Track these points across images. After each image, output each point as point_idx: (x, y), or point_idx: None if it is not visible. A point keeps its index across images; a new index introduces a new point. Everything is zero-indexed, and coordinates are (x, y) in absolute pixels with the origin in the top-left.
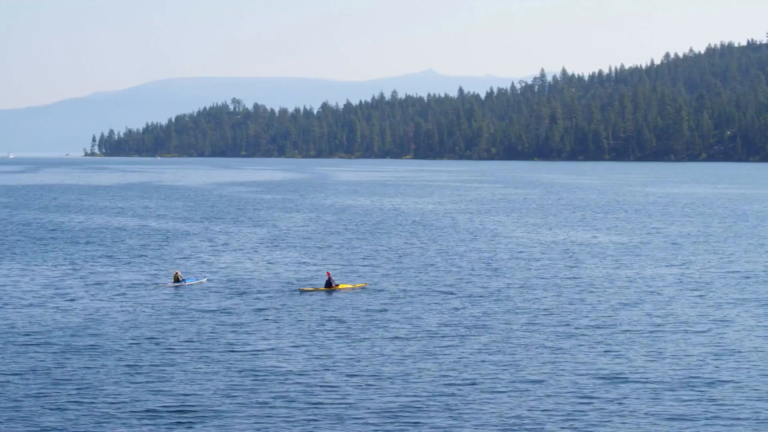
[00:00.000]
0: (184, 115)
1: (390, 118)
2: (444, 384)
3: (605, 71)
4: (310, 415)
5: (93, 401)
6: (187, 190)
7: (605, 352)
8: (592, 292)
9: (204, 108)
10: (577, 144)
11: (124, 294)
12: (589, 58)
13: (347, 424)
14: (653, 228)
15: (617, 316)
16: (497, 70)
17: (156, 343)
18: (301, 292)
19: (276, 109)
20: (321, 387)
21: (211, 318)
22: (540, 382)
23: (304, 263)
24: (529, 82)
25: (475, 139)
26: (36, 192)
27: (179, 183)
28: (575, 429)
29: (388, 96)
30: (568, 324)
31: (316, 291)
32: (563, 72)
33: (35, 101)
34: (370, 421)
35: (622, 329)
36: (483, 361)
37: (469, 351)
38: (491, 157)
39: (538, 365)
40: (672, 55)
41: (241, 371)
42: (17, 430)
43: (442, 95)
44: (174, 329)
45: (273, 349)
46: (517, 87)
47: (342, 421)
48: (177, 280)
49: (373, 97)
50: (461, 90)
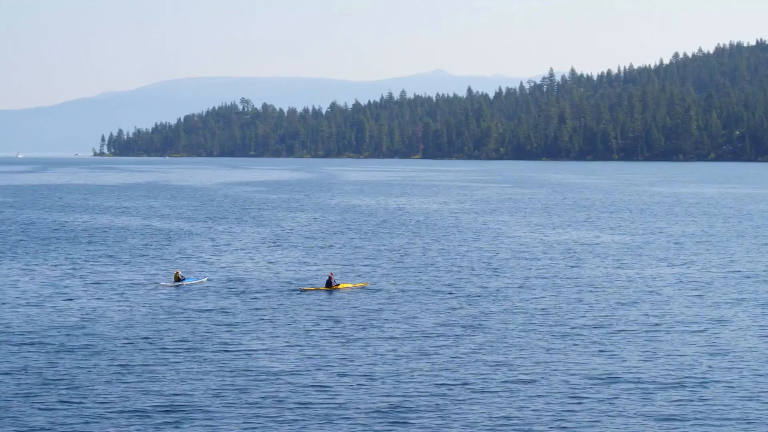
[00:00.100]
0: (193, 115)
1: (399, 118)
2: (435, 384)
3: (614, 71)
4: (297, 415)
5: (82, 401)
6: (193, 189)
7: (599, 351)
8: (590, 292)
9: (213, 108)
10: (586, 144)
11: (122, 293)
12: (598, 57)
13: (335, 423)
14: (656, 228)
15: (614, 316)
16: (507, 69)
17: (150, 343)
18: (302, 291)
19: (285, 109)
20: (311, 387)
21: (207, 317)
22: (531, 382)
23: (305, 263)
24: (538, 81)
25: (484, 139)
26: (42, 192)
27: (186, 183)
28: (563, 429)
29: (396, 96)
30: (563, 324)
31: (316, 291)
32: (572, 72)
33: (44, 101)
34: (358, 421)
35: (617, 329)
36: (476, 361)
37: (463, 351)
38: (500, 157)
39: (530, 365)
40: (681, 55)
41: (233, 371)
42: (3, 429)
43: (451, 95)
44: (169, 329)
45: (266, 349)
46: (526, 87)
47: (329, 421)
48: (177, 279)
49: (382, 97)
50: (470, 90)
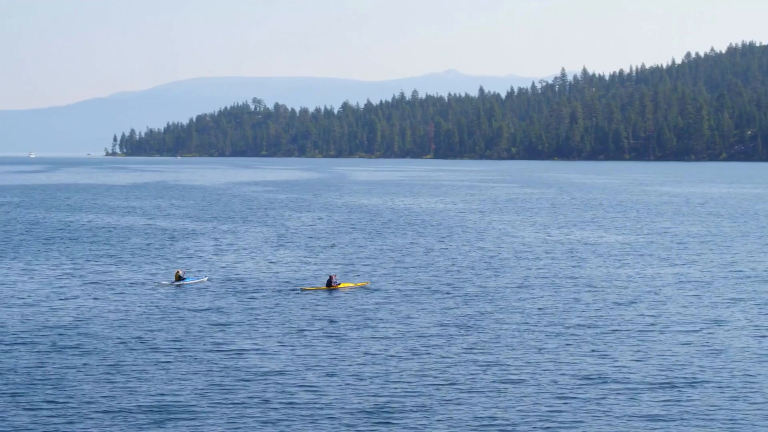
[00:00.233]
0: (204, 115)
1: (410, 117)
2: (422, 384)
3: (626, 71)
4: (281, 415)
5: (67, 401)
6: (201, 189)
7: (591, 351)
8: (588, 292)
9: (225, 108)
10: (597, 144)
11: (120, 293)
12: (610, 57)
13: (318, 423)
14: (661, 228)
15: (609, 316)
16: (520, 69)
17: (141, 342)
18: (303, 291)
19: (297, 109)
20: (298, 387)
21: (202, 317)
22: (519, 382)
23: (308, 263)
24: (550, 81)
25: (495, 139)
26: (49, 191)
27: (195, 182)
28: (546, 429)
29: (408, 96)
30: (557, 324)
31: (317, 290)
32: (584, 71)
33: (57, 101)
34: (342, 421)
35: (611, 329)
36: (465, 361)
37: (455, 351)
38: (511, 157)
39: (520, 365)
40: (693, 55)
41: (221, 371)
42: None
43: (462, 95)
44: (162, 328)
45: (257, 349)
46: (538, 87)
47: (313, 421)
48: (178, 278)
49: (394, 97)
50: (482, 90)
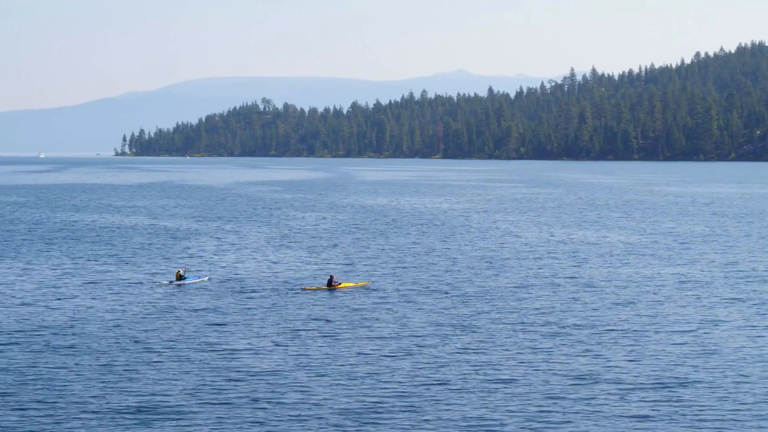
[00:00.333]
0: (214, 115)
1: (419, 117)
2: (413, 384)
3: (635, 71)
4: (269, 414)
5: (57, 401)
6: (208, 189)
7: (584, 351)
8: (586, 292)
9: (234, 108)
10: (606, 144)
11: (120, 293)
12: (620, 57)
13: (307, 423)
14: (666, 228)
15: (606, 316)
16: (529, 69)
17: (136, 342)
18: (303, 291)
19: (306, 109)
20: (289, 387)
21: (200, 317)
22: (510, 382)
23: (309, 262)
24: (560, 81)
25: (504, 139)
26: (56, 191)
27: (201, 182)
28: (534, 429)
29: (417, 95)
30: (553, 324)
31: (317, 290)
32: (593, 71)
33: (67, 101)
34: (330, 421)
35: (606, 329)
36: (458, 361)
37: (448, 351)
38: (520, 157)
39: (512, 365)
40: (702, 55)
41: (214, 371)
42: None
43: (471, 95)
44: (157, 328)
45: (251, 349)
46: (547, 87)
47: (302, 421)
48: (179, 278)
49: (403, 97)
50: (491, 89)
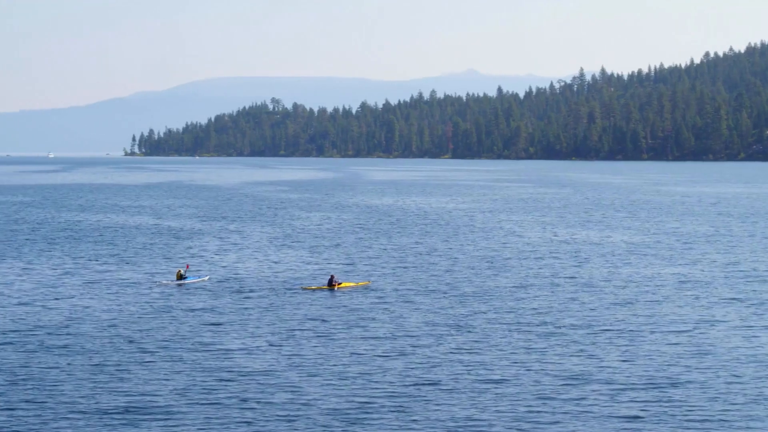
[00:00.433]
0: (223, 115)
1: (429, 117)
2: (404, 384)
3: (645, 70)
4: (258, 415)
5: (46, 400)
6: (214, 189)
7: (579, 351)
8: (586, 292)
9: (243, 108)
10: (615, 143)
11: (119, 293)
12: (630, 57)
13: (294, 423)
14: (670, 228)
15: (602, 316)
16: (539, 69)
17: (130, 342)
18: (303, 290)
19: (315, 109)
20: (279, 387)
21: (195, 316)
22: (500, 382)
23: (311, 262)
24: (569, 81)
25: (513, 139)
26: (62, 191)
27: (209, 182)
28: (521, 430)
29: (426, 95)
30: (549, 324)
31: (317, 290)
32: (602, 71)
33: (77, 101)
34: (317, 422)
35: (602, 329)
36: (451, 361)
37: (442, 351)
38: (529, 157)
39: (505, 365)
40: (712, 54)
41: (206, 371)
42: None
43: (481, 95)
44: (153, 328)
45: (244, 349)
46: (556, 86)
47: (290, 421)
48: (180, 277)
49: (412, 97)
50: (500, 89)
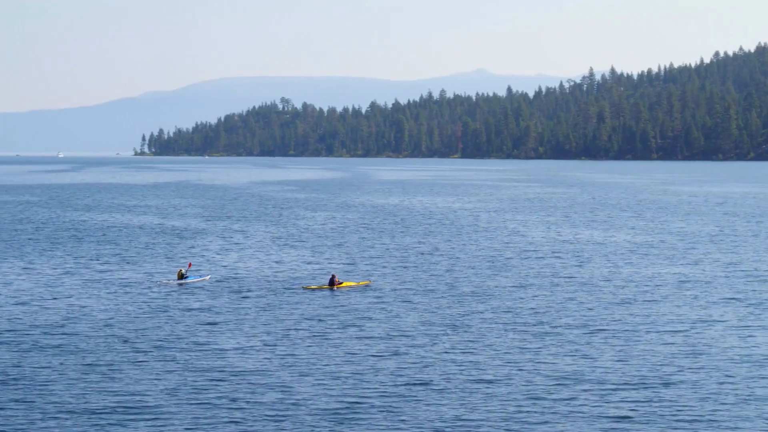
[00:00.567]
0: (233, 115)
1: (438, 117)
2: (395, 384)
3: (654, 70)
4: (247, 415)
5: (35, 400)
6: (221, 189)
7: (573, 351)
8: (585, 291)
9: (253, 107)
10: (625, 143)
11: (118, 292)
12: (639, 57)
13: (282, 423)
14: (674, 227)
15: (600, 316)
16: (549, 69)
17: (125, 342)
18: (304, 290)
19: (325, 109)
20: (270, 386)
21: (192, 316)
22: (492, 382)
23: (313, 262)
24: (579, 81)
25: (523, 139)
26: (69, 191)
27: (216, 182)
28: (509, 430)
29: (436, 95)
30: (546, 324)
31: (318, 289)
32: (612, 71)
33: (87, 101)
34: (305, 422)
35: (598, 329)
36: (444, 361)
37: (436, 350)
38: (539, 157)
39: (497, 365)
40: (722, 54)
41: (198, 370)
42: None
43: (491, 95)
44: (149, 327)
45: (239, 348)
46: (566, 86)
47: (277, 421)
48: (181, 277)
49: (421, 97)
50: (509, 89)
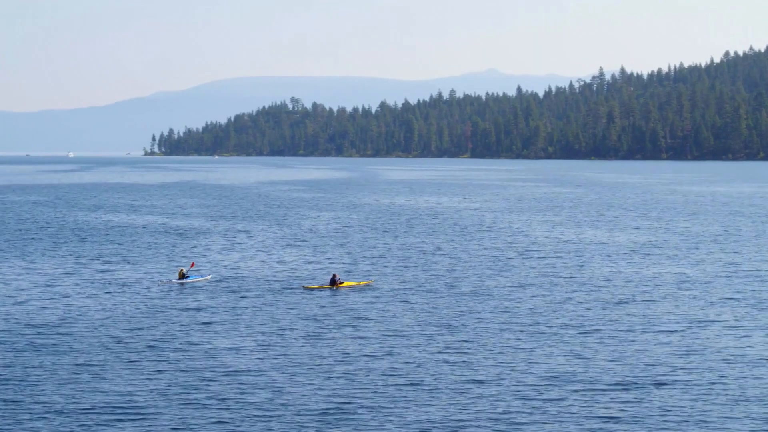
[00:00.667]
0: (243, 114)
1: (448, 117)
2: (385, 384)
3: (664, 70)
4: (235, 415)
5: (23, 400)
6: (229, 188)
7: (567, 351)
8: (584, 292)
9: (263, 107)
10: (635, 143)
11: (117, 292)
12: (650, 56)
13: (269, 423)
14: (679, 227)
15: (597, 316)
16: (560, 69)
17: (119, 342)
18: (305, 290)
19: (335, 108)
20: (260, 386)
21: (189, 316)
22: (482, 382)
23: (315, 262)
24: (589, 81)
25: (532, 139)
26: (77, 190)
27: (225, 182)
28: (496, 430)
29: (446, 95)
30: (542, 324)
31: (319, 289)
32: (622, 71)
33: (98, 101)
34: (293, 421)
35: (593, 329)
36: (437, 361)
37: (430, 350)
38: (548, 156)
39: (490, 365)
40: (732, 54)
41: (188, 370)
42: None
43: (501, 94)
44: (144, 327)
45: (233, 348)
46: (576, 86)
47: (265, 421)
48: (182, 276)
49: (431, 96)
50: (519, 89)
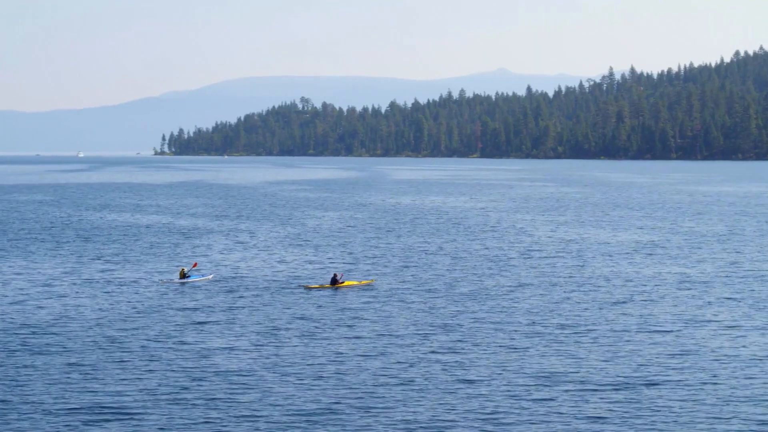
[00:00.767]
0: (253, 114)
1: (458, 117)
2: (375, 384)
3: (674, 69)
4: (223, 414)
5: (11, 399)
6: (236, 188)
7: (561, 351)
8: (583, 291)
9: (273, 107)
10: (644, 143)
11: (116, 291)
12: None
13: (257, 423)
14: (683, 227)
15: (594, 316)
16: (570, 68)
17: (112, 342)
18: (306, 289)
19: (344, 108)
20: (251, 386)
21: (186, 316)
22: (474, 382)
23: (317, 261)
24: (599, 80)
25: (542, 138)
26: (83, 190)
27: (233, 181)
28: (484, 430)
29: (455, 95)
30: (539, 323)
31: (319, 288)
32: (632, 70)
33: (109, 101)
34: (281, 421)
35: (589, 329)
36: (430, 361)
37: (423, 350)
38: (557, 156)
39: (483, 365)
40: (742, 53)
41: (180, 370)
42: None
43: (511, 94)
44: (140, 327)
45: (226, 348)
46: (586, 86)
47: (252, 421)
48: (183, 276)
49: (441, 96)
50: (529, 89)
